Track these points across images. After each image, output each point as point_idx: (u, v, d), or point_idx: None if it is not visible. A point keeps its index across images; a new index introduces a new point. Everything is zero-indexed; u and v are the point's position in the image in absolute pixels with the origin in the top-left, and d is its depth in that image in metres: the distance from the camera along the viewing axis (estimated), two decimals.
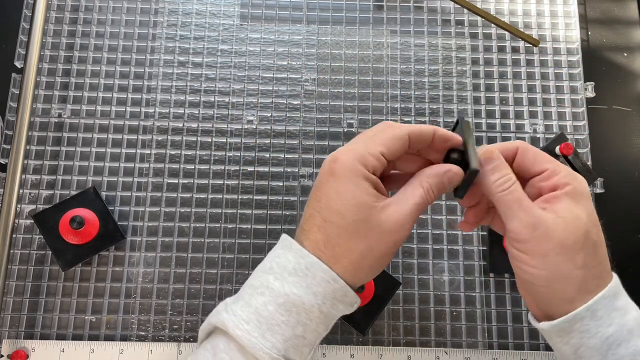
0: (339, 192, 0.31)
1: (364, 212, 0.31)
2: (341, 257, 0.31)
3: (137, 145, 0.49)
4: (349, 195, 0.31)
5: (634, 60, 0.53)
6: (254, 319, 0.31)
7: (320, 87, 0.51)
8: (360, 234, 0.31)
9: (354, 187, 0.31)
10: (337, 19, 0.53)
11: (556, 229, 0.30)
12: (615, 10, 0.54)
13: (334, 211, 0.31)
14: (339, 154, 0.32)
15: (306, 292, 0.31)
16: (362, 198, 0.31)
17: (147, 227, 0.47)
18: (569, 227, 0.30)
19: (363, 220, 0.31)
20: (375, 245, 0.31)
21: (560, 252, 0.30)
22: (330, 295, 0.31)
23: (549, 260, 0.30)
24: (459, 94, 0.51)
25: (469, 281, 0.47)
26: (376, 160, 0.32)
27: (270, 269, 0.32)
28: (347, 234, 0.31)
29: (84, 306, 0.45)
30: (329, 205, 0.31)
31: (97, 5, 0.52)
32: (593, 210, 0.31)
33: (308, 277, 0.31)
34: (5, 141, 0.48)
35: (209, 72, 0.51)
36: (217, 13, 0.52)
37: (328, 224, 0.31)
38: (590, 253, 0.30)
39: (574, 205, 0.31)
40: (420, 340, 0.45)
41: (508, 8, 0.53)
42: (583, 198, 0.31)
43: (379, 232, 0.31)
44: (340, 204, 0.31)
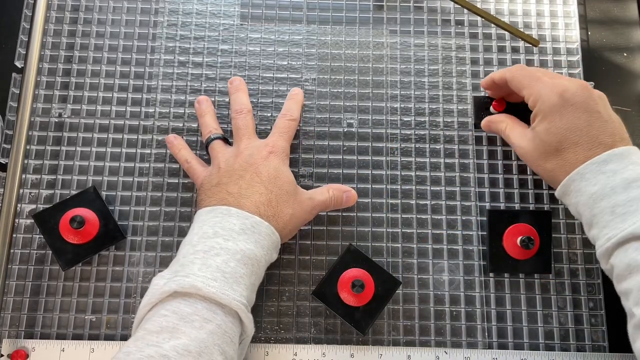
0: (278, 169, 0.42)
1: (294, 188, 0.43)
2: (277, 216, 0.41)
3: (137, 145, 0.49)
4: (286, 173, 0.43)
5: (634, 60, 0.53)
6: (219, 277, 0.36)
7: (320, 87, 0.51)
8: (290, 202, 0.42)
9: (288, 170, 0.44)
10: (337, 19, 0.53)
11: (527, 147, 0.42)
12: (615, 10, 0.54)
13: (274, 183, 0.42)
14: (272, 143, 0.44)
15: (256, 246, 0.39)
16: (292, 179, 0.43)
17: (147, 226, 0.47)
18: (532, 143, 0.41)
19: (292, 193, 0.42)
20: (296, 214, 0.42)
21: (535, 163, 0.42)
22: (272, 247, 0.41)
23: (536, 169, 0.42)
24: (459, 94, 0.51)
25: (468, 281, 0.47)
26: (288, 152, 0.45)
27: (216, 234, 0.38)
28: (282, 200, 0.42)
29: (84, 306, 0.45)
30: (269, 178, 0.42)
31: (97, 5, 0.52)
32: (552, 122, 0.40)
33: (255, 233, 0.39)
34: (6, 141, 0.48)
35: (209, 72, 0.51)
36: (217, 13, 0.52)
37: (269, 191, 0.41)
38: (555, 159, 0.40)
39: (538, 123, 0.41)
40: (420, 340, 0.45)
41: (508, 8, 0.53)
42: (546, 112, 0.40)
43: (300, 207, 0.43)
44: (280, 179, 0.42)
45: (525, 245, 0.44)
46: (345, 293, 0.43)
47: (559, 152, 0.40)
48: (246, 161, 0.42)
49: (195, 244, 0.38)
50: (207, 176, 0.43)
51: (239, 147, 0.44)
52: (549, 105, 0.40)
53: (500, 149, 0.50)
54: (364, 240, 0.47)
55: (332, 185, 0.46)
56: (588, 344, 0.46)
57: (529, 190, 0.49)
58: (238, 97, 0.47)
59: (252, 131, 0.45)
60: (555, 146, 0.40)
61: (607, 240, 0.37)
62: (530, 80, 0.42)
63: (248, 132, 0.45)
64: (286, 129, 0.45)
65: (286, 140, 0.45)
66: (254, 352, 0.44)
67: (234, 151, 0.44)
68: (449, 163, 0.49)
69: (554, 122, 0.39)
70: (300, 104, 0.48)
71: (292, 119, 0.46)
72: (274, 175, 0.42)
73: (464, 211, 0.48)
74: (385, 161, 0.49)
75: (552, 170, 0.40)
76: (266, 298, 0.46)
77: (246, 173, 0.42)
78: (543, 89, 0.40)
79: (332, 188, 0.45)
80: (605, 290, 0.46)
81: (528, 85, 0.42)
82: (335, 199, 0.45)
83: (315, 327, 0.45)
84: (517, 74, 0.43)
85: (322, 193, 0.45)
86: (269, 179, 0.41)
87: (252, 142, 0.44)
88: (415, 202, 0.48)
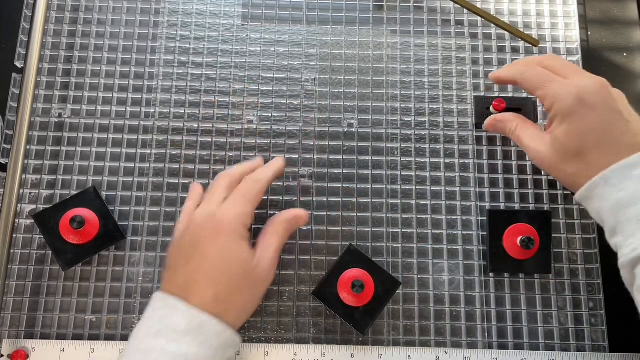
0: (225, 252, 0.37)
1: (246, 269, 0.37)
2: (231, 310, 0.36)
3: (137, 145, 0.49)
4: (235, 255, 0.37)
5: (634, 61, 0.53)
6: None
7: (321, 87, 0.51)
8: (244, 288, 0.37)
9: (238, 248, 0.38)
10: (337, 19, 0.53)
11: (544, 151, 0.39)
12: (615, 10, 0.55)
13: (222, 270, 0.36)
14: (221, 214, 0.38)
15: (201, 348, 0.34)
16: (244, 257, 0.38)
17: (147, 226, 0.47)
18: (550, 147, 0.39)
19: (245, 276, 0.37)
20: (255, 294, 0.39)
21: (554, 167, 0.39)
22: (223, 345, 0.36)
23: (553, 174, 0.40)
24: (459, 94, 0.51)
25: (468, 281, 0.47)
26: (251, 219, 0.40)
27: (159, 333, 0.34)
28: (235, 289, 0.37)
29: (84, 306, 0.45)
30: (216, 265, 0.36)
31: (97, 5, 0.52)
32: (571, 123, 0.37)
33: (201, 334, 0.35)
34: (6, 141, 0.48)
35: (209, 72, 0.51)
36: (218, 13, 0.53)
37: (217, 282, 0.36)
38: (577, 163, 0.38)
39: (556, 125, 0.38)
40: (420, 340, 0.45)
41: (508, 8, 0.53)
42: (563, 114, 0.38)
43: (257, 283, 0.38)
44: (228, 264, 0.37)
45: (525, 245, 0.44)
46: (345, 293, 0.43)
47: (581, 156, 0.37)
48: (194, 238, 0.38)
49: (141, 339, 0.35)
50: (170, 245, 0.40)
51: (194, 213, 0.39)
52: (567, 106, 0.37)
53: (500, 149, 0.50)
54: (364, 240, 0.47)
55: (273, 219, 0.41)
56: (588, 344, 0.46)
57: (529, 190, 0.49)
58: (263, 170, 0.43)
59: (220, 196, 0.40)
60: (576, 149, 0.37)
61: (633, 250, 0.35)
62: (544, 80, 0.39)
63: (215, 197, 0.40)
64: (245, 191, 0.40)
65: (243, 205, 0.39)
66: (254, 352, 0.44)
67: (188, 217, 0.40)
68: (449, 163, 0.49)
69: (574, 124, 0.37)
70: (273, 170, 0.42)
71: (256, 180, 0.41)
72: (222, 259, 0.37)
73: (464, 211, 0.48)
74: (385, 161, 0.49)
75: (574, 174, 0.38)
76: (266, 298, 0.46)
77: (193, 257, 0.37)
78: (559, 89, 0.38)
79: (277, 223, 0.41)
80: (605, 290, 0.46)
81: (542, 86, 0.39)
82: (288, 232, 0.41)
83: (315, 327, 0.45)
84: (528, 75, 0.40)
85: (271, 240, 0.40)
86: (218, 266, 0.37)
87: (208, 209, 0.39)
88: (415, 202, 0.48)
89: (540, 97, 0.40)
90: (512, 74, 0.42)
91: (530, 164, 0.49)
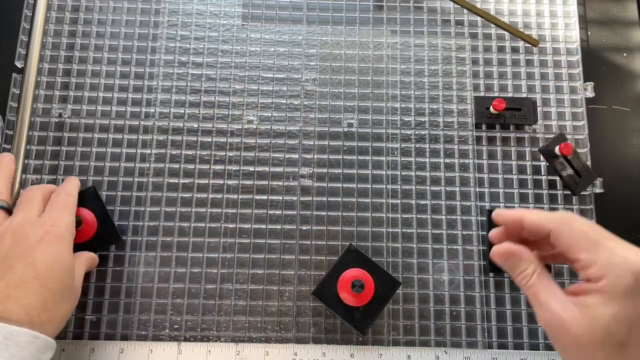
0: (57, 257, 0.36)
1: (72, 280, 0.37)
2: (53, 319, 0.35)
3: (137, 145, 0.49)
4: (65, 260, 0.37)
5: (634, 61, 0.53)
6: None
7: (321, 87, 0.51)
8: (67, 298, 0.37)
9: (69, 257, 0.37)
10: (337, 19, 0.53)
11: (572, 325, 0.30)
12: (615, 10, 0.55)
13: (52, 278, 0.35)
14: (52, 222, 0.37)
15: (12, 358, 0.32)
16: (72, 266, 0.37)
17: (147, 226, 0.47)
18: (585, 325, 0.29)
19: (70, 287, 0.37)
20: (72, 305, 0.38)
21: (578, 348, 0.30)
22: (35, 353, 0.34)
23: (569, 354, 0.30)
24: (459, 94, 0.51)
25: (468, 281, 0.47)
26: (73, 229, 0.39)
27: None
28: (61, 297, 0.36)
29: (85, 306, 0.45)
30: (48, 270, 0.35)
31: (97, 5, 0.52)
32: (624, 308, 0.29)
33: (10, 346, 0.33)
34: (6, 141, 0.48)
35: (209, 72, 0.51)
36: (218, 13, 0.53)
37: (46, 289, 0.35)
38: (613, 353, 0.29)
39: (601, 302, 0.30)
40: (420, 340, 0.45)
41: (508, 8, 0.53)
42: (616, 294, 0.29)
43: (76, 294, 0.39)
44: (59, 271, 0.36)
45: None
46: (345, 293, 0.43)
47: (623, 347, 0.29)
48: (18, 245, 0.36)
49: None
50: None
51: (12, 222, 0.37)
52: (624, 286, 0.29)
53: (500, 149, 0.50)
54: (364, 240, 0.47)
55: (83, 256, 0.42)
56: None
57: (529, 190, 0.49)
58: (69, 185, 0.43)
59: (39, 206, 0.39)
60: (620, 338, 0.29)
61: None
62: (591, 242, 0.31)
63: (32, 204, 0.39)
64: (64, 202, 0.40)
65: (68, 215, 0.39)
66: (254, 352, 0.44)
67: (5, 226, 0.37)
68: (449, 163, 0.49)
69: (627, 310, 0.29)
70: (77, 185, 0.44)
71: (68, 193, 0.41)
72: (53, 265, 0.35)
73: (464, 211, 0.48)
74: (385, 161, 0.49)
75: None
76: (266, 298, 0.46)
77: (18, 264, 0.35)
78: (615, 261, 0.30)
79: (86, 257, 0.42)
80: None
81: (589, 249, 0.30)
82: (90, 268, 0.43)
83: (315, 327, 0.45)
84: (567, 229, 0.31)
85: (83, 267, 0.41)
86: (46, 273, 0.35)
87: (29, 216, 0.37)
88: (415, 202, 0.48)
89: (584, 261, 0.30)
90: (540, 220, 0.32)
91: (530, 164, 0.49)
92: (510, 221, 0.34)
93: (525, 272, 0.32)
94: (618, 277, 0.29)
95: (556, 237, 0.31)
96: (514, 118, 0.50)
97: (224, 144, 0.49)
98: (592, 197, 0.49)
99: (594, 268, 0.30)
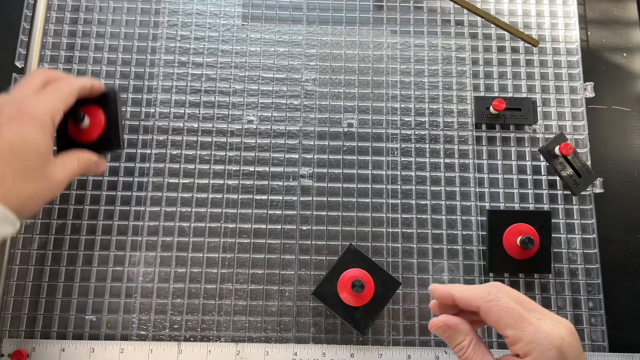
0: (26, 137, 0.35)
1: (42, 162, 0.36)
2: (11, 195, 0.34)
3: (137, 145, 0.49)
4: (34, 144, 0.35)
5: (634, 61, 0.53)
6: None
7: (321, 87, 0.51)
8: (32, 181, 0.35)
9: (40, 139, 0.35)
10: (337, 19, 0.53)
11: None
12: (615, 10, 0.55)
13: (17, 154, 0.34)
14: (31, 102, 0.36)
15: None
16: (43, 150, 0.36)
17: (147, 226, 0.47)
18: None
19: (40, 169, 0.36)
20: (40, 194, 0.36)
21: None
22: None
23: None
24: (459, 94, 0.51)
25: (468, 281, 0.47)
26: (59, 117, 0.38)
27: None
28: (23, 177, 0.35)
29: (84, 306, 0.45)
30: (12, 147, 0.34)
31: (97, 5, 0.52)
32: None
33: None
34: None
35: (209, 72, 0.51)
36: (218, 13, 0.53)
37: (6, 164, 0.34)
38: None
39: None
40: (420, 340, 0.45)
41: (508, 8, 0.53)
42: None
43: (47, 184, 0.36)
44: (25, 150, 0.35)
45: (525, 245, 0.44)
46: (345, 293, 0.43)
47: None
48: None
49: None
50: None
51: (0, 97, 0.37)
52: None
53: (500, 149, 0.50)
54: (364, 240, 0.47)
55: (81, 153, 0.40)
56: (588, 344, 0.46)
57: (529, 190, 0.49)
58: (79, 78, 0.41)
59: (33, 86, 0.38)
60: None
61: None
62: (516, 319, 0.32)
63: (27, 85, 0.38)
64: (60, 88, 0.39)
65: (56, 100, 0.38)
66: (254, 352, 0.44)
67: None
68: (448, 163, 0.49)
69: None
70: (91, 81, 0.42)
71: (71, 81, 0.40)
72: (19, 144, 0.34)
73: (464, 211, 0.48)
74: (385, 161, 0.49)
75: None
76: (266, 298, 0.46)
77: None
78: (538, 337, 0.32)
79: (81, 154, 0.40)
80: (605, 290, 0.47)
81: (515, 326, 0.32)
82: (86, 168, 0.40)
83: (315, 327, 0.46)
84: (494, 307, 0.33)
85: (72, 163, 0.39)
86: (10, 149, 0.34)
87: (15, 95, 0.37)
88: (415, 202, 0.48)
89: (510, 338, 0.33)
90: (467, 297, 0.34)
91: (530, 164, 0.49)
92: (442, 297, 0.36)
93: (461, 344, 0.34)
94: (542, 352, 0.31)
95: (484, 314, 0.33)
96: (514, 118, 0.50)
97: (224, 144, 0.49)
98: (592, 197, 0.49)
99: (520, 344, 0.32)
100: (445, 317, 0.35)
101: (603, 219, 0.49)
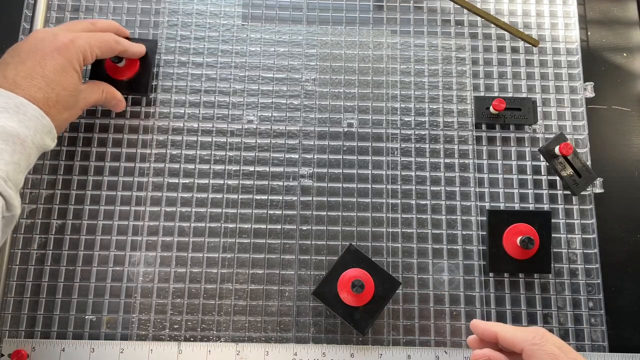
0: (66, 70, 0.40)
1: (75, 93, 0.41)
2: (54, 116, 0.39)
3: (137, 145, 0.49)
4: (67, 79, 0.40)
5: (633, 61, 0.53)
6: None
7: (321, 87, 0.51)
8: (67, 107, 0.40)
9: (72, 75, 0.40)
10: (337, 19, 0.53)
11: None
12: (615, 10, 0.55)
13: (54, 84, 0.39)
14: (73, 37, 0.41)
15: (20, 125, 0.36)
16: (75, 84, 0.41)
17: (147, 226, 0.47)
18: None
19: (73, 98, 0.41)
20: (69, 119, 0.42)
21: None
22: (41, 130, 0.38)
23: None
24: (459, 94, 0.51)
25: (468, 281, 0.47)
26: (90, 61, 0.42)
27: None
28: (61, 104, 0.40)
29: (84, 306, 0.45)
30: (55, 78, 0.39)
31: (97, 6, 0.52)
32: None
33: (19, 113, 0.37)
34: None
35: (209, 72, 0.51)
36: (218, 13, 0.53)
37: (51, 90, 0.39)
38: None
39: None
40: (420, 340, 0.45)
41: (508, 8, 0.53)
42: None
43: (75, 111, 0.42)
44: (66, 81, 0.40)
45: (525, 245, 0.44)
46: (345, 293, 0.43)
47: None
48: (34, 45, 0.40)
49: None
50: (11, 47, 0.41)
51: (48, 29, 0.42)
52: None
53: (500, 149, 0.50)
54: (364, 240, 0.47)
55: (107, 86, 0.46)
56: (588, 343, 0.46)
57: (529, 190, 0.49)
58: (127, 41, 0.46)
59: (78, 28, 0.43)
60: None
61: None
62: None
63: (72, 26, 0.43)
64: (101, 37, 0.43)
65: (93, 45, 0.42)
66: (254, 351, 0.44)
67: (39, 31, 0.42)
68: (449, 163, 0.49)
69: None
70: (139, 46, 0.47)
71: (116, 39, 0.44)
72: (59, 72, 0.40)
73: (464, 211, 0.48)
74: (385, 161, 0.49)
75: None
76: (266, 298, 0.46)
77: (28, 60, 0.39)
78: None
79: (106, 89, 0.45)
80: (604, 290, 0.47)
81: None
82: (106, 101, 0.46)
83: (315, 327, 0.46)
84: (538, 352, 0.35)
85: (97, 94, 0.45)
86: (52, 75, 0.39)
87: (61, 30, 0.42)
88: (415, 202, 0.48)
89: None
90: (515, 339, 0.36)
91: (530, 164, 0.49)
92: (485, 335, 0.38)
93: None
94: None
95: (527, 357, 0.35)
96: (514, 118, 0.50)
97: (224, 144, 0.49)
98: (592, 197, 0.49)
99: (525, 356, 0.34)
100: (490, 352, 0.37)
101: (603, 219, 0.49)
